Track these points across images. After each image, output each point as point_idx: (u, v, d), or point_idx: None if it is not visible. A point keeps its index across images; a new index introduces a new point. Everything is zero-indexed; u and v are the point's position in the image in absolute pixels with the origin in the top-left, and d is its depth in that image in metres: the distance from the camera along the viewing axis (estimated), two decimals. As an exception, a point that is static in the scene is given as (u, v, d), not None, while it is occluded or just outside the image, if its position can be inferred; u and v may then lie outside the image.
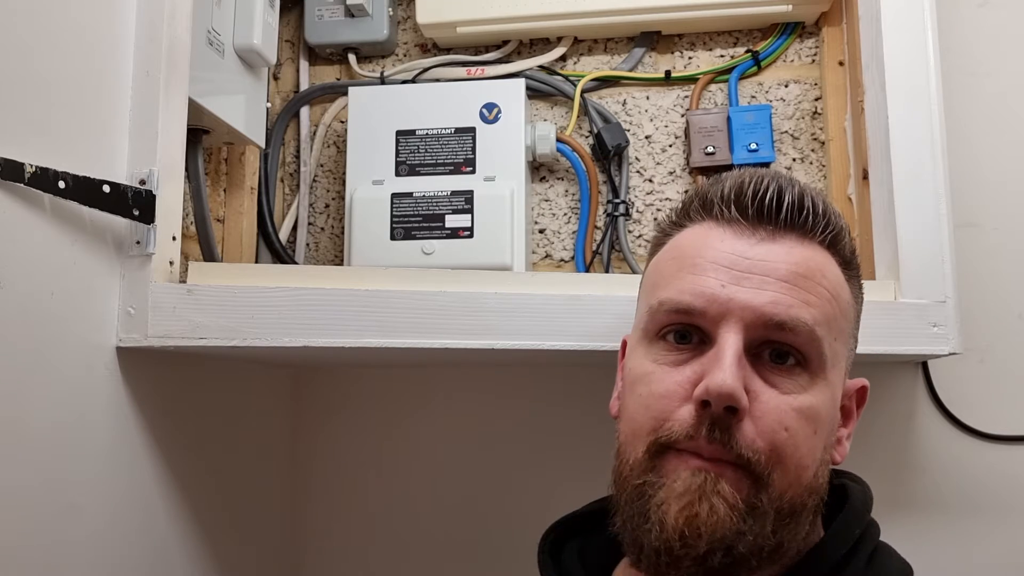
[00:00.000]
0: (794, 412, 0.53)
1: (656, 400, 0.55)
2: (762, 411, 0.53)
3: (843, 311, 0.58)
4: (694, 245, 0.58)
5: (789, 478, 0.53)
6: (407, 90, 1.09)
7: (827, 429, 0.56)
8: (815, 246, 0.57)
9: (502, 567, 1.05)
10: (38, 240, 0.65)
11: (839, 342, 0.57)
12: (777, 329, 0.54)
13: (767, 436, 0.53)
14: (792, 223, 0.57)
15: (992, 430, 0.99)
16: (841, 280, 0.58)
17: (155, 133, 0.75)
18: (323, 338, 0.75)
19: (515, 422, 1.06)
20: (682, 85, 1.10)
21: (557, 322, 0.76)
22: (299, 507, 1.08)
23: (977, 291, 0.98)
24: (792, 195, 0.57)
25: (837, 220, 0.59)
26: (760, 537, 0.53)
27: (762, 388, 0.54)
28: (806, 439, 0.54)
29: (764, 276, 0.55)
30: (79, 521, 0.69)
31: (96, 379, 0.71)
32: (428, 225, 1.02)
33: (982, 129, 1.03)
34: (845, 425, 0.61)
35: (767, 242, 0.56)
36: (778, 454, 0.53)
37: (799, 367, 0.55)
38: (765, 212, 0.57)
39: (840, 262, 0.59)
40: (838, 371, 0.57)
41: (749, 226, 0.57)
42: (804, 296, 0.55)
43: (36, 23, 0.66)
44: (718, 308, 0.54)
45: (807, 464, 0.54)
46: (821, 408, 0.55)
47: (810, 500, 0.56)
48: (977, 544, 0.98)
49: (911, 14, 0.85)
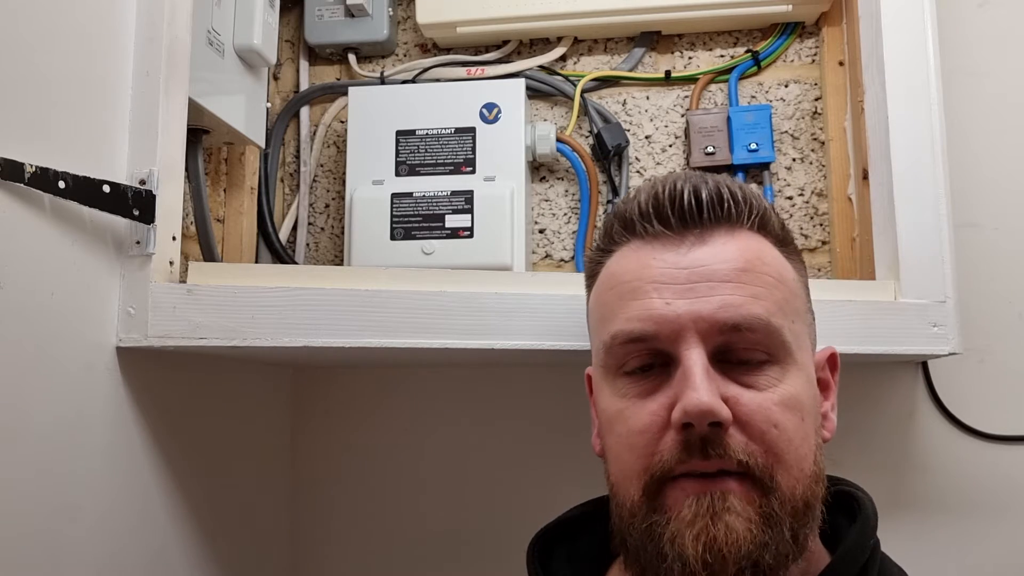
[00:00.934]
0: (778, 407, 0.52)
1: (637, 437, 0.54)
2: (747, 414, 0.52)
3: (792, 291, 0.57)
4: (628, 269, 0.57)
5: (793, 474, 0.52)
6: (407, 90, 1.09)
7: (812, 412, 0.55)
8: (746, 233, 0.56)
9: (502, 567, 1.05)
10: (38, 240, 0.65)
11: (797, 322, 0.56)
12: (734, 331, 0.53)
13: (759, 438, 0.52)
14: (717, 218, 0.56)
15: (992, 430, 0.99)
16: (780, 260, 0.57)
17: (155, 133, 0.75)
18: (323, 338, 0.75)
19: (515, 422, 1.06)
20: (682, 85, 1.10)
21: (557, 322, 0.76)
22: (299, 507, 1.08)
23: (977, 291, 0.98)
24: (708, 190, 0.56)
25: (759, 201, 0.57)
26: (782, 544, 0.51)
27: (739, 391, 0.53)
28: (796, 429, 0.53)
29: (707, 282, 0.54)
30: (79, 520, 0.69)
31: (96, 379, 0.71)
32: (428, 225, 1.02)
33: (982, 129, 1.03)
34: (826, 398, 0.59)
35: (698, 246, 0.55)
36: (775, 453, 0.52)
37: (767, 362, 0.54)
38: (687, 215, 0.56)
39: (774, 242, 0.58)
40: (804, 351, 0.56)
41: (676, 235, 0.56)
42: (751, 290, 0.54)
43: (36, 23, 0.66)
44: (670, 327, 0.53)
45: (805, 454, 0.53)
46: (801, 393, 0.54)
47: (819, 488, 0.55)
48: (977, 544, 0.98)
49: (911, 14, 0.85)
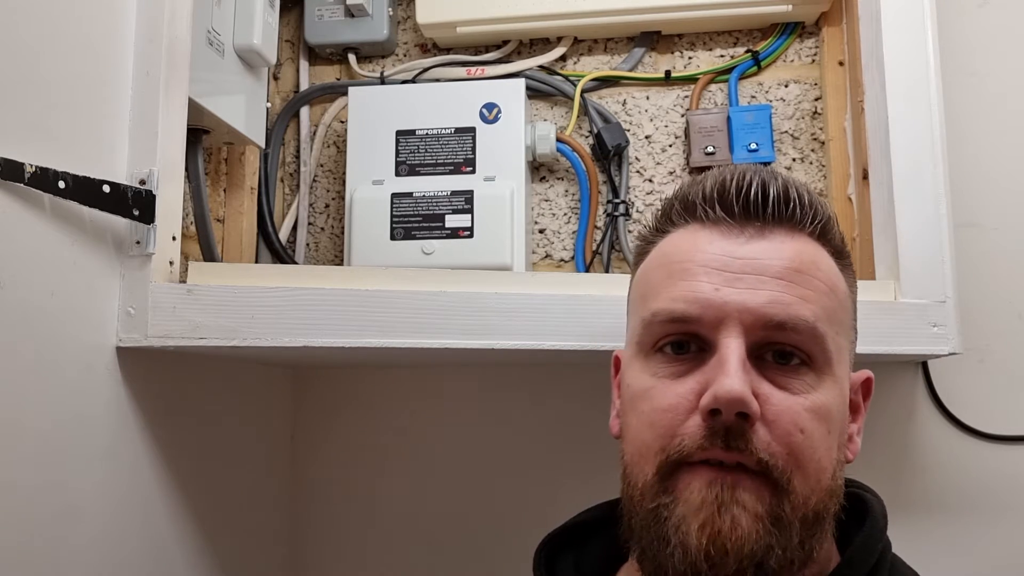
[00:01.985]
0: (807, 413, 0.51)
1: (661, 415, 0.53)
2: (775, 414, 0.51)
3: (841, 303, 0.56)
4: (681, 250, 0.56)
5: (810, 483, 0.52)
6: (407, 90, 1.09)
7: (839, 427, 0.54)
8: (805, 238, 0.56)
9: (502, 567, 1.05)
10: (38, 240, 0.65)
11: (841, 335, 0.55)
12: (778, 329, 0.52)
13: (783, 439, 0.51)
14: (780, 217, 0.55)
15: (992, 430, 0.99)
16: (835, 271, 0.57)
17: (155, 133, 0.75)
18: (323, 338, 0.75)
19: (515, 422, 1.06)
20: (682, 85, 1.10)
21: (557, 322, 0.76)
22: (299, 507, 1.08)
23: (977, 291, 0.98)
24: (777, 188, 0.55)
25: (824, 210, 0.57)
26: (789, 550, 0.50)
27: (771, 391, 0.52)
28: (822, 439, 0.52)
29: (758, 275, 0.53)
30: (79, 521, 0.69)
31: (96, 379, 0.71)
32: (428, 225, 1.02)
33: (982, 129, 1.03)
34: (854, 420, 0.59)
35: (756, 239, 0.54)
36: (796, 458, 0.51)
37: (804, 366, 0.53)
38: (751, 208, 0.55)
39: (832, 252, 0.57)
40: (843, 365, 0.55)
41: (736, 224, 0.55)
42: (801, 292, 0.53)
43: (36, 23, 0.66)
44: (715, 313, 0.52)
45: (825, 466, 0.53)
46: (832, 406, 0.53)
47: (832, 504, 0.54)
48: (977, 544, 0.98)
49: (911, 14, 0.85)
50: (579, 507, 0.70)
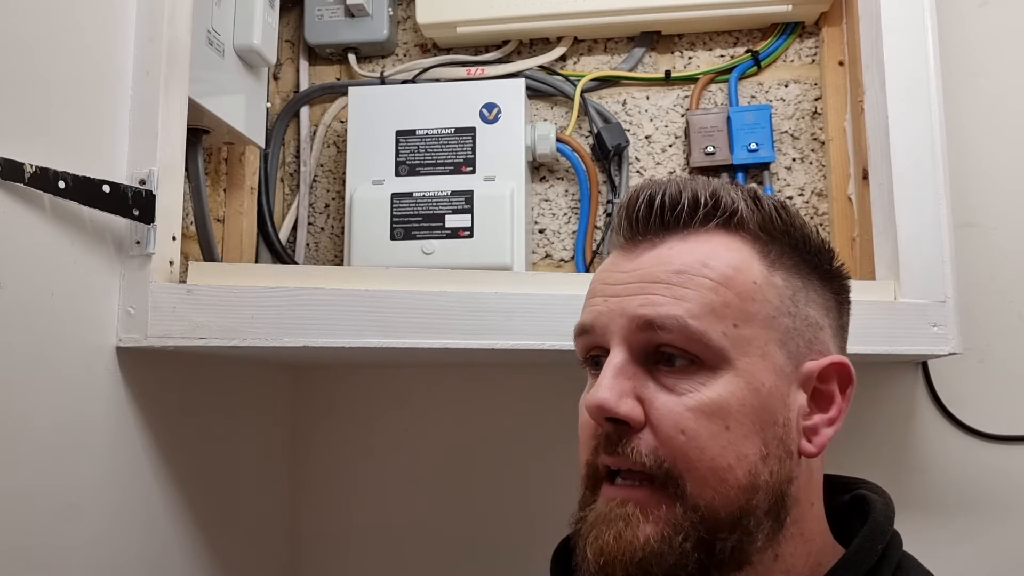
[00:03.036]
0: (690, 412, 0.52)
1: (582, 431, 0.57)
2: (658, 417, 0.52)
3: (742, 294, 0.54)
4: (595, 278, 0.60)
5: (710, 484, 0.51)
6: (407, 90, 1.09)
7: (755, 421, 0.52)
8: (703, 236, 0.56)
9: (502, 567, 1.05)
10: (38, 240, 0.65)
11: (745, 327, 0.53)
12: (649, 329, 0.53)
13: (666, 443, 0.52)
14: (667, 223, 0.56)
15: (992, 430, 0.99)
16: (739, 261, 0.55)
17: (155, 133, 0.75)
18: (323, 338, 0.75)
19: (515, 422, 1.06)
20: (682, 85, 1.10)
21: (557, 322, 0.76)
22: (299, 507, 1.08)
23: (977, 291, 0.98)
24: (664, 196, 0.56)
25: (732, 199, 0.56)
26: (680, 555, 0.51)
27: (655, 394, 0.53)
28: (712, 438, 0.51)
29: (641, 282, 0.55)
30: (79, 521, 0.69)
31: (96, 379, 0.71)
32: (428, 225, 1.02)
33: (982, 129, 1.03)
34: (823, 410, 0.56)
35: (648, 250, 0.56)
36: (682, 460, 0.51)
37: (693, 365, 0.53)
38: (639, 224, 0.57)
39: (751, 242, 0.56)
40: (755, 358, 0.53)
41: (630, 242, 0.58)
42: (679, 292, 0.53)
43: (36, 23, 0.66)
44: (601, 321, 0.55)
45: (727, 463, 0.51)
46: (729, 400, 0.52)
47: (756, 501, 0.52)
48: (977, 543, 0.98)
49: (911, 14, 0.85)
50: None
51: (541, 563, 0.98)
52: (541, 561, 1.01)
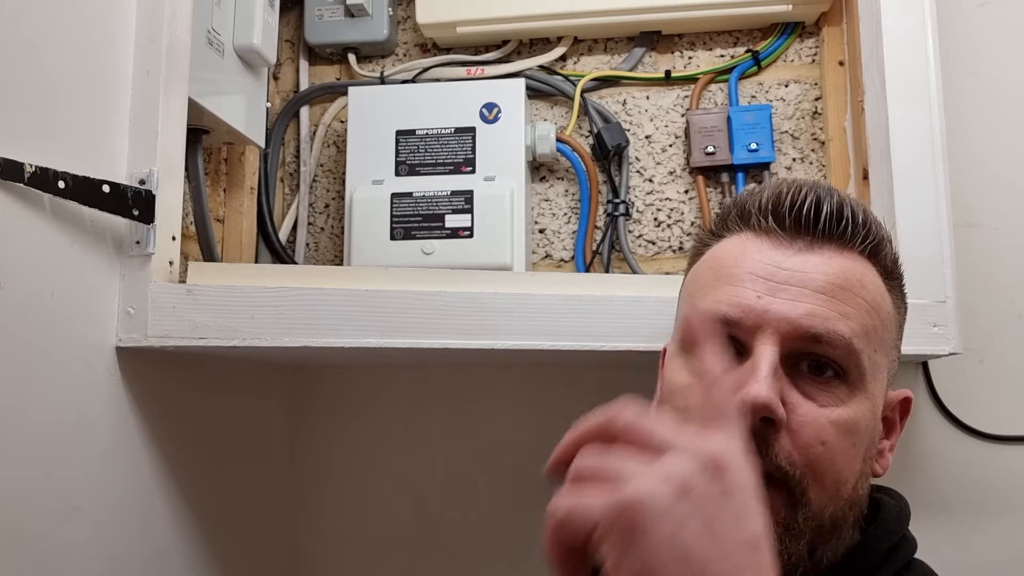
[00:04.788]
0: (831, 426, 0.53)
1: None
2: (799, 424, 0.52)
3: (883, 322, 0.57)
4: (731, 255, 0.58)
5: (828, 493, 0.53)
6: (407, 90, 1.09)
7: (866, 442, 0.55)
8: (855, 256, 0.57)
9: (502, 567, 1.05)
10: (38, 240, 0.65)
11: (879, 353, 0.56)
12: (814, 342, 0.53)
13: (804, 450, 0.52)
14: (830, 233, 0.56)
15: (992, 430, 0.99)
16: (882, 290, 0.58)
17: (155, 133, 0.75)
18: (323, 338, 0.75)
19: (515, 422, 1.06)
20: (682, 85, 1.10)
21: (557, 322, 0.76)
22: (299, 507, 1.08)
23: (977, 291, 0.98)
24: (831, 205, 0.56)
25: (878, 230, 0.58)
26: (795, 556, 0.52)
27: (799, 400, 0.53)
28: (843, 453, 0.53)
29: (801, 287, 0.54)
30: (79, 520, 0.69)
31: (96, 379, 0.71)
32: (428, 225, 1.02)
33: (982, 129, 1.03)
34: (888, 437, 0.60)
35: (805, 252, 0.56)
36: (815, 469, 0.52)
37: (837, 379, 0.54)
38: (803, 222, 0.56)
39: (881, 272, 0.58)
40: (879, 383, 0.56)
41: (787, 236, 0.57)
42: (842, 308, 0.54)
43: (37, 23, 0.66)
44: (754, 319, 0.54)
45: (846, 478, 0.54)
46: (860, 421, 0.54)
47: (851, 513, 0.55)
48: (977, 544, 0.98)
49: (911, 14, 0.85)
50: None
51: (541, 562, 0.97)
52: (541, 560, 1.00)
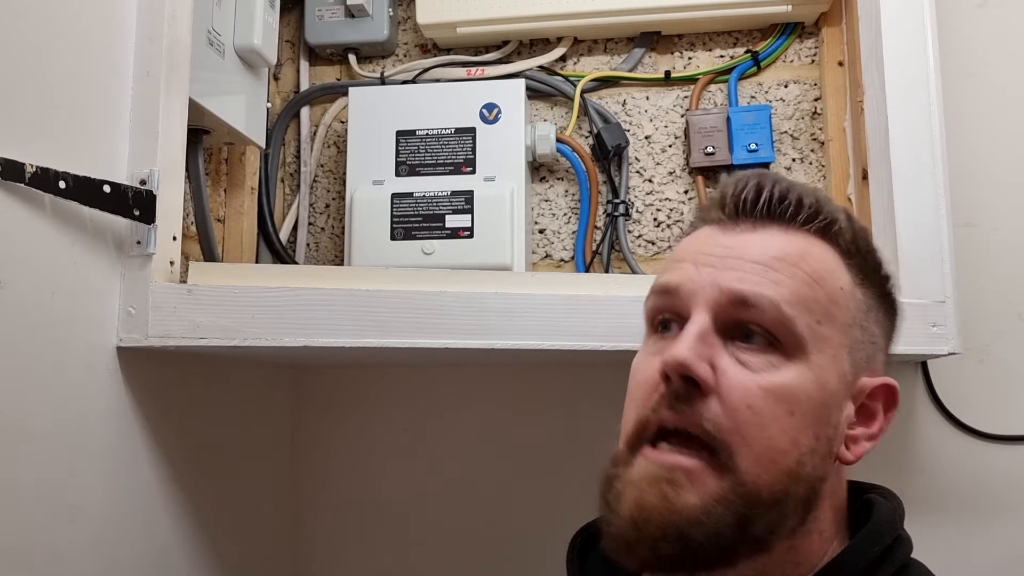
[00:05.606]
0: (760, 390, 0.53)
1: (637, 389, 0.57)
2: (728, 387, 0.53)
3: (830, 295, 0.56)
4: (685, 244, 0.61)
5: (762, 463, 0.52)
6: (407, 90, 1.09)
7: (813, 415, 0.54)
8: (803, 234, 0.58)
9: (502, 566, 1.05)
10: (38, 240, 0.65)
11: (826, 326, 0.55)
12: (742, 305, 0.54)
13: (731, 414, 0.52)
14: (772, 214, 0.58)
15: (992, 430, 0.99)
16: (832, 266, 0.57)
17: (155, 133, 0.76)
18: (323, 338, 0.75)
19: (515, 422, 1.06)
20: (682, 85, 1.10)
21: (557, 322, 0.76)
22: (299, 507, 1.08)
23: (977, 291, 0.98)
24: (772, 189, 0.58)
25: (830, 211, 0.58)
26: (719, 525, 0.52)
27: (729, 365, 0.54)
28: (776, 420, 0.53)
29: (738, 259, 0.56)
30: (79, 521, 0.69)
31: (96, 379, 0.71)
32: (428, 225, 1.02)
33: (982, 129, 1.03)
34: (865, 425, 0.59)
35: (747, 232, 0.58)
36: (743, 434, 0.52)
37: (771, 347, 0.54)
38: (741, 206, 0.58)
39: (839, 251, 0.58)
40: (828, 357, 0.55)
41: (731, 222, 0.59)
42: (774, 276, 0.55)
43: (37, 24, 0.66)
44: (689, 287, 0.56)
45: (783, 447, 0.53)
46: (798, 389, 0.53)
47: (796, 488, 0.54)
48: (976, 543, 0.98)
49: (911, 14, 0.85)
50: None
51: (541, 561, 0.98)
52: (541, 559, 1.01)
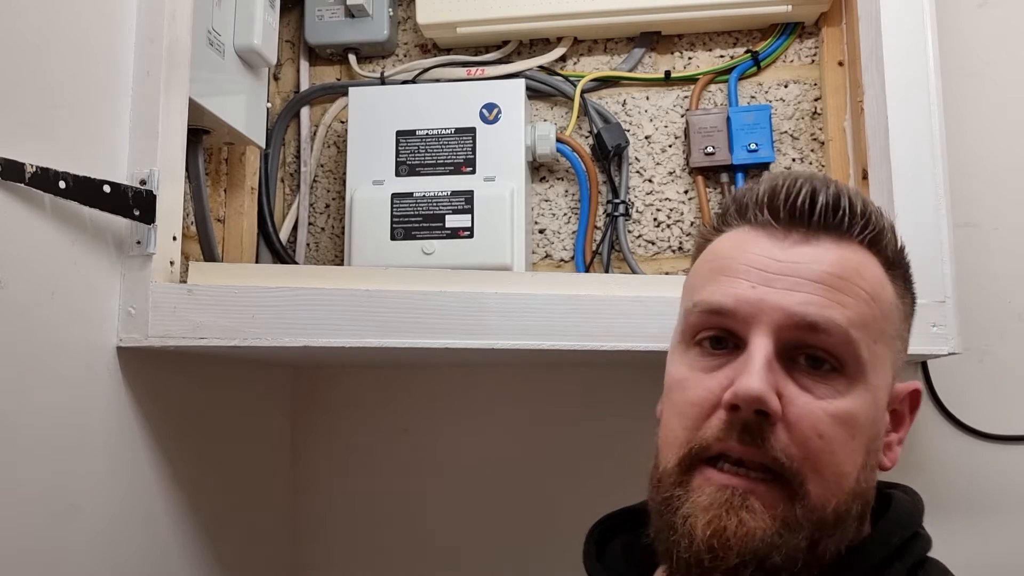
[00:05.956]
0: (829, 418, 0.52)
1: (689, 408, 0.55)
2: (796, 416, 0.52)
3: (884, 312, 0.56)
4: (728, 249, 0.58)
5: (829, 487, 0.53)
6: (407, 90, 1.09)
7: (868, 434, 0.55)
8: (853, 246, 0.56)
9: (502, 567, 1.05)
10: (39, 240, 0.65)
11: (880, 344, 0.56)
12: (809, 330, 0.53)
13: (801, 443, 0.52)
14: (827, 224, 0.56)
15: (992, 430, 0.99)
16: (882, 280, 0.57)
17: (155, 133, 0.76)
18: (323, 338, 0.75)
19: (515, 422, 1.06)
20: (682, 85, 1.10)
21: (557, 322, 0.76)
22: (299, 507, 1.08)
23: (977, 291, 0.98)
24: (827, 196, 0.56)
25: (879, 219, 0.57)
26: (794, 550, 0.52)
27: (796, 393, 0.53)
28: (843, 445, 0.53)
29: (797, 277, 0.54)
30: (79, 521, 0.69)
31: (96, 379, 0.71)
32: (428, 225, 1.02)
33: (982, 129, 1.03)
34: (896, 430, 0.60)
35: (801, 244, 0.56)
36: (813, 462, 0.52)
37: (835, 372, 0.53)
38: (798, 214, 0.56)
39: (883, 262, 0.58)
40: (881, 374, 0.56)
41: (782, 229, 0.56)
42: (838, 297, 0.54)
43: (37, 24, 0.66)
44: (748, 308, 0.54)
45: (847, 471, 0.53)
46: (860, 413, 0.54)
47: (855, 506, 0.55)
48: (976, 543, 0.98)
49: (911, 14, 0.85)
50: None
51: (540, 562, 0.98)
52: (540, 560, 1.01)
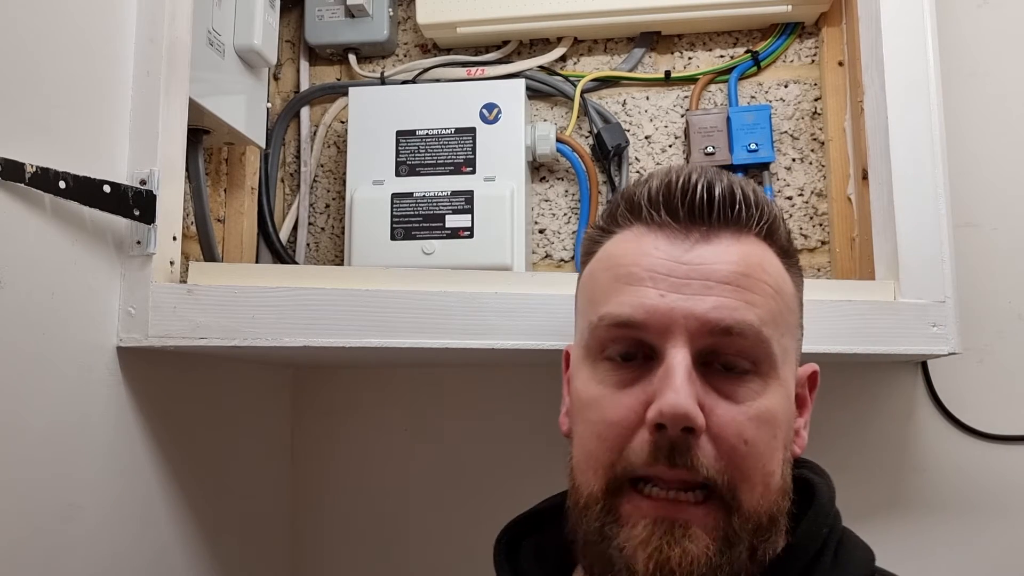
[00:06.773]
0: (751, 422, 0.51)
1: (609, 428, 0.52)
2: (719, 426, 0.51)
3: (787, 304, 0.56)
4: (627, 254, 0.55)
5: (758, 491, 0.52)
6: (407, 90, 1.09)
7: (785, 428, 0.54)
8: (752, 239, 0.55)
9: (502, 567, 1.05)
10: (38, 240, 0.65)
11: (787, 337, 0.55)
12: (724, 335, 0.51)
13: (727, 453, 0.51)
14: (725, 219, 0.54)
15: (992, 430, 0.99)
16: (782, 271, 0.56)
17: (155, 133, 0.75)
18: (323, 338, 0.75)
19: (515, 422, 1.06)
20: (682, 85, 1.10)
21: (557, 322, 0.76)
22: (299, 507, 1.08)
23: (977, 291, 0.98)
24: (722, 189, 0.54)
25: (770, 209, 0.56)
26: (737, 563, 0.51)
27: (716, 401, 0.51)
28: (767, 445, 0.52)
29: (704, 280, 0.52)
30: (79, 521, 0.69)
31: (96, 379, 0.71)
32: (428, 225, 1.02)
33: (982, 129, 1.03)
34: (801, 415, 0.59)
35: (702, 243, 0.54)
36: (741, 470, 0.51)
37: (750, 373, 0.52)
38: (696, 211, 0.54)
39: (778, 252, 0.56)
40: (789, 367, 0.55)
41: (682, 228, 0.54)
42: (747, 296, 0.52)
43: (37, 23, 0.66)
44: (660, 319, 0.52)
45: (772, 469, 0.52)
46: (778, 410, 0.53)
47: (784, 502, 0.54)
48: (976, 544, 0.98)
49: (911, 14, 0.85)
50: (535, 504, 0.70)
51: (541, 563, 0.96)
52: (541, 561, 0.99)
